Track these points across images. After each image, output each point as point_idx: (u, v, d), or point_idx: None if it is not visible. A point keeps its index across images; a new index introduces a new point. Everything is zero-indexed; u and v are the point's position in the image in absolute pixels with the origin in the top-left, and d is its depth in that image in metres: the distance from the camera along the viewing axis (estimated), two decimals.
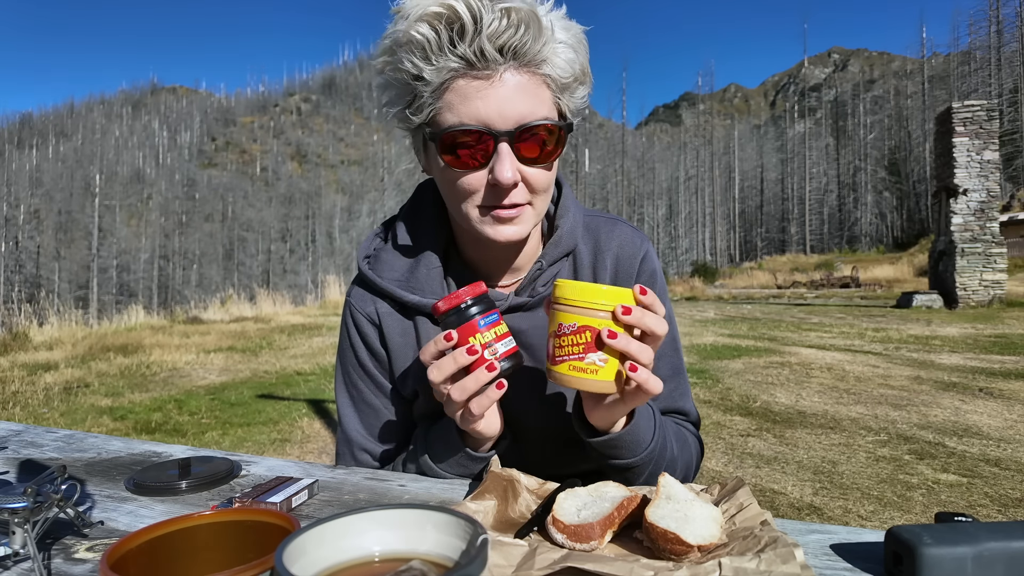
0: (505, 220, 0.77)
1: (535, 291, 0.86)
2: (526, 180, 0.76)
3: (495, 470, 0.70)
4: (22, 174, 76.07)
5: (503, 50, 0.70)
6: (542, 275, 0.86)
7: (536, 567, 0.51)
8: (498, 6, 0.68)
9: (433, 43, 0.69)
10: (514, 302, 0.85)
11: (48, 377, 6.96)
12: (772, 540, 0.54)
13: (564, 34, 0.74)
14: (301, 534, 0.38)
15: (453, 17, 0.68)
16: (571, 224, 0.89)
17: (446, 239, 0.89)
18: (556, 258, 0.88)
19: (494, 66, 0.70)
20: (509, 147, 0.73)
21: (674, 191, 71.67)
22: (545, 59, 0.73)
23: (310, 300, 20.34)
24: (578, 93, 0.79)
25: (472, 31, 0.68)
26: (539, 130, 0.73)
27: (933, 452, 3.80)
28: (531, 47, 0.70)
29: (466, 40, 0.68)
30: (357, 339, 0.90)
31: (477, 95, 0.71)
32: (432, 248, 0.87)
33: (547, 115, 0.74)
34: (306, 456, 4.04)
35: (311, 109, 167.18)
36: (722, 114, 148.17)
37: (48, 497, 0.58)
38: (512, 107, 0.71)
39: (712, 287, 28.02)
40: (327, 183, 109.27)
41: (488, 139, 0.72)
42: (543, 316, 0.85)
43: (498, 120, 0.71)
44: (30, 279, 62.15)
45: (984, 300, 13.75)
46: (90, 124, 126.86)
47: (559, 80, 0.75)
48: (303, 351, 9.02)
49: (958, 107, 14.16)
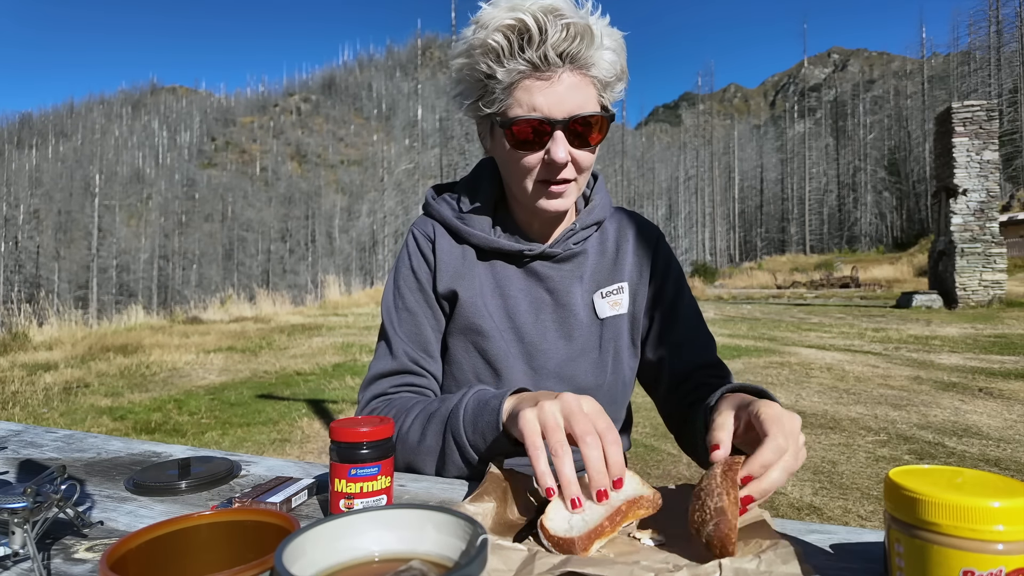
0: (555, 195, 0.92)
1: (567, 246, 1.01)
2: (575, 160, 0.91)
3: (495, 471, 0.70)
4: (22, 174, 76.03)
5: (562, 56, 0.84)
6: (575, 235, 1.02)
7: (535, 572, 0.51)
8: (560, 21, 0.82)
9: (506, 49, 0.84)
10: (548, 250, 1.00)
11: (48, 377, 6.96)
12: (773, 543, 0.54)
13: (608, 40, 0.88)
14: (301, 534, 0.38)
15: (523, 28, 0.83)
16: (603, 201, 1.06)
17: (496, 202, 1.05)
18: (587, 224, 1.03)
19: (554, 69, 0.85)
20: (563, 134, 0.88)
21: (674, 191, 71.70)
22: (594, 63, 0.87)
23: (310, 300, 20.35)
24: (617, 88, 0.94)
25: (538, 40, 0.83)
26: (587, 120, 0.88)
27: (933, 452, 3.80)
28: (584, 54, 0.85)
29: (533, 47, 0.83)
30: (415, 251, 1.04)
31: (540, 92, 0.86)
32: (486, 203, 1.03)
33: (594, 108, 0.89)
34: (306, 456, 4.04)
35: (311, 109, 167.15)
36: (722, 114, 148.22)
37: (48, 497, 0.58)
38: (567, 102, 0.86)
39: (712, 287, 28.02)
40: (327, 183, 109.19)
41: (547, 127, 0.87)
42: (568, 268, 1.02)
43: (556, 111, 0.86)
44: (30, 279, 62.14)
45: (984, 300, 13.76)
46: (90, 124, 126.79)
47: (603, 79, 0.89)
48: (303, 351, 9.02)
49: (958, 107, 14.16)
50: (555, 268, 1.01)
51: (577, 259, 1.02)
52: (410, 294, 1.02)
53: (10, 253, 62.81)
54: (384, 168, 71.90)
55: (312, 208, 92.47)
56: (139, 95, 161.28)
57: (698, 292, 23.85)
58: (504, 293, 1.01)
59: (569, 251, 1.01)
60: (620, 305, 1.02)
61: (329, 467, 0.67)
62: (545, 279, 1.00)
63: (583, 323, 1.01)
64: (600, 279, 1.03)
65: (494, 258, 1.02)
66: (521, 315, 1.00)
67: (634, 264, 1.04)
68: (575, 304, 1.01)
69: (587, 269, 1.03)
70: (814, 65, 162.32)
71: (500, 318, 1.00)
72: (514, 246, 0.99)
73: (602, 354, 1.01)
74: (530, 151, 0.89)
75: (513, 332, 1.00)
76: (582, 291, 1.02)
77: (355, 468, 0.64)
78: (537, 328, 0.99)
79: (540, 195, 0.93)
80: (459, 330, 1.00)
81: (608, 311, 1.01)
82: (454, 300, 1.00)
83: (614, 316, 1.02)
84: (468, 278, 1.00)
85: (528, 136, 0.88)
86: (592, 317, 1.02)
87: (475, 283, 1.00)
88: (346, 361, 7.98)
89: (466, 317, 0.98)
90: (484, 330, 0.98)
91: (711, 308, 16.50)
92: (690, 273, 36.88)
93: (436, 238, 1.03)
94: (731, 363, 7.19)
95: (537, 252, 0.99)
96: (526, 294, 1.01)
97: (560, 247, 1.00)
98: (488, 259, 1.02)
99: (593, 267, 1.03)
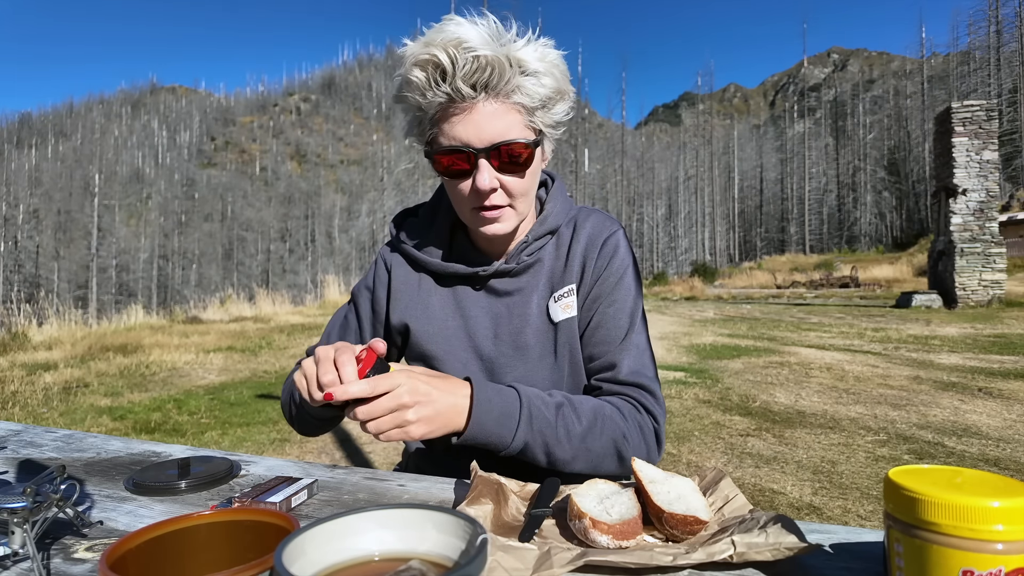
0: (490, 220, 0.94)
1: (520, 260, 1.02)
2: (504, 187, 0.92)
3: (482, 474, 0.70)
4: (21, 174, 75.89)
5: (475, 87, 0.86)
6: (527, 247, 1.03)
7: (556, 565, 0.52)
8: (469, 54, 0.83)
9: (423, 83, 0.87)
10: (501, 268, 1.01)
11: (47, 377, 6.95)
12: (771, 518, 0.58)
13: (537, 64, 0.88)
14: (300, 534, 0.38)
15: (436, 63, 0.85)
16: (557, 209, 1.06)
17: (454, 222, 1.08)
18: (540, 235, 1.03)
19: (470, 99, 0.87)
20: (487, 161, 0.89)
21: (673, 191, 71.63)
22: (514, 90, 0.88)
23: (309, 300, 20.32)
24: (556, 109, 0.94)
25: (451, 73, 0.85)
26: (511, 147, 0.89)
27: (932, 452, 3.80)
28: (498, 84, 0.86)
29: (447, 80, 0.86)
30: (370, 276, 1.11)
31: (459, 122, 0.88)
32: (444, 226, 1.07)
33: (518, 135, 0.89)
34: (306, 456, 4.04)
35: (311, 109, 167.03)
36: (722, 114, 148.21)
37: (47, 497, 0.58)
38: (486, 130, 0.88)
39: (711, 287, 28.04)
40: (326, 183, 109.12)
41: (470, 154, 0.89)
42: (525, 280, 1.03)
43: (476, 140, 0.88)
44: (29, 279, 62.08)
45: (983, 300, 13.76)
46: (89, 124, 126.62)
47: (528, 105, 0.90)
48: (302, 351, 9.00)
49: (957, 107, 14.16)
50: (513, 282, 1.03)
51: (533, 269, 1.03)
52: (351, 311, 1.11)
53: (10, 253, 62.77)
54: (384, 168, 71.88)
55: (312, 208, 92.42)
56: (139, 95, 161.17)
57: (698, 292, 23.85)
58: (465, 314, 1.03)
59: (523, 263, 1.02)
60: (571, 307, 1.01)
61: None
62: (503, 294, 1.02)
63: (539, 331, 1.01)
64: (555, 283, 1.03)
65: (453, 282, 1.05)
66: (480, 334, 1.02)
67: (580, 263, 1.03)
68: (531, 314, 1.01)
69: (543, 277, 1.03)
70: (814, 65, 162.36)
71: (460, 339, 1.02)
72: (468, 269, 1.02)
73: (558, 359, 1.01)
74: (459, 179, 0.92)
75: (473, 351, 1.02)
76: (538, 299, 1.02)
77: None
78: (496, 345, 1.01)
79: (477, 220, 0.95)
80: (414, 357, 1.05)
81: (561, 314, 1.01)
82: (406, 331, 1.05)
83: (567, 319, 1.01)
84: (422, 307, 1.04)
85: (454, 165, 0.90)
86: (547, 323, 1.01)
87: (430, 310, 1.03)
88: None
89: (418, 344, 1.03)
90: (436, 355, 1.02)
91: (711, 308, 16.51)
92: (690, 273, 36.89)
93: (393, 268, 1.08)
94: (731, 363, 7.20)
95: (492, 271, 1.01)
96: (486, 312, 1.03)
97: (514, 261, 1.02)
98: (448, 284, 1.05)
99: (548, 274, 1.03)
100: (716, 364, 7.15)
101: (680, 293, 23.85)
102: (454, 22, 0.86)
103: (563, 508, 0.67)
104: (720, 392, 5.65)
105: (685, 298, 22.01)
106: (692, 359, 7.51)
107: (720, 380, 6.19)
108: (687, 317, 13.42)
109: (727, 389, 5.77)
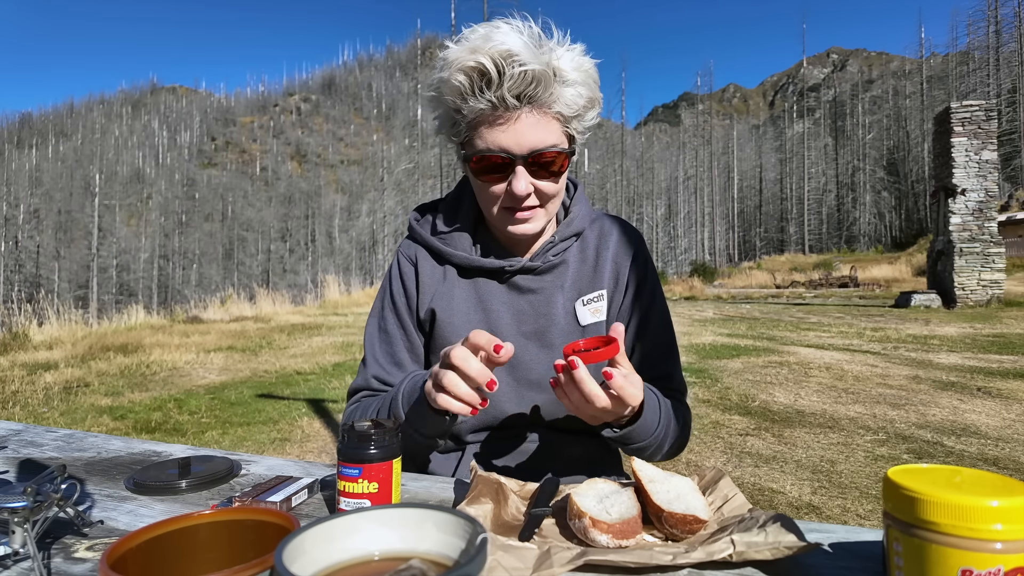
0: (521, 220, 0.97)
1: (546, 259, 1.04)
2: (538, 191, 0.95)
3: (482, 473, 0.70)
4: (22, 174, 75.89)
5: (520, 98, 0.89)
6: (553, 247, 1.05)
7: (556, 564, 0.52)
8: (517, 67, 0.86)
9: (467, 88, 0.88)
10: (528, 265, 1.03)
11: (48, 376, 6.95)
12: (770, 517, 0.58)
13: (575, 74, 0.91)
14: (301, 533, 0.38)
15: (483, 71, 0.87)
16: (582, 213, 1.09)
17: (477, 218, 1.09)
18: (566, 236, 1.06)
19: (513, 109, 0.89)
20: (524, 168, 0.92)
21: (673, 191, 71.59)
22: (555, 101, 0.91)
23: (310, 300, 20.32)
24: (587, 116, 0.98)
25: (496, 83, 0.87)
26: (547, 154, 0.92)
27: (931, 451, 3.80)
28: (541, 95, 0.89)
29: (492, 89, 0.87)
30: (396, 275, 1.09)
31: (500, 130, 0.91)
32: (467, 221, 1.08)
33: (554, 142, 0.93)
34: (306, 455, 4.04)
35: (311, 109, 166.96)
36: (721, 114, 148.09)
37: (48, 496, 0.58)
38: (526, 138, 0.91)
39: (711, 287, 28.03)
40: (327, 183, 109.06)
41: (508, 160, 0.91)
42: (549, 278, 1.05)
43: (515, 147, 0.91)
44: (30, 279, 62.05)
45: (982, 300, 13.76)
46: (90, 124, 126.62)
47: (566, 114, 0.93)
48: (303, 350, 9.01)
49: (956, 107, 14.16)
50: (536, 280, 1.05)
51: (558, 269, 1.05)
52: (390, 315, 1.08)
53: (10, 253, 62.74)
54: (384, 168, 71.84)
55: (312, 208, 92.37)
56: (139, 95, 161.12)
57: (697, 292, 23.86)
58: (487, 308, 1.04)
59: (549, 263, 1.04)
60: (600, 312, 1.04)
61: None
62: (527, 291, 1.04)
63: (565, 331, 1.03)
64: (582, 287, 1.05)
65: (476, 275, 1.05)
66: (503, 328, 1.03)
67: (612, 271, 1.06)
68: (556, 314, 1.03)
69: (568, 278, 1.05)
70: (813, 65, 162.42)
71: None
72: (494, 263, 1.03)
73: None
74: (494, 182, 0.94)
75: None
76: (563, 300, 1.04)
77: (343, 466, 0.66)
78: (518, 340, 1.02)
79: (507, 221, 0.98)
80: (438, 347, 1.04)
81: (589, 318, 1.03)
82: (433, 320, 1.05)
83: (595, 323, 1.04)
84: (447, 298, 1.04)
85: (491, 168, 0.93)
86: (574, 325, 1.03)
87: (454, 302, 1.04)
88: (346, 360, 7.98)
89: (443, 335, 1.03)
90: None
91: (710, 307, 16.51)
92: (689, 273, 36.89)
93: (418, 261, 1.08)
94: (730, 362, 7.20)
95: (517, 267, 1.03)
96: (508, 307, 1.04)
97: (540, 260, 1.04)
98: (471, 276, 1.06)
99: (574, 276, 1.05)
100: (715, 364, 7.15)
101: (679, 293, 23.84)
102: (501, 31, 0.87)
103: (563, 507, 0.67)
104: (719, 392, 5.65)
105: (684, 298, 22.01)
106: (692, 359, 7.51)
107: (719, 380, 6.19)
108: (687, 317, 13.42)
109: (726, 389, 5.77)
